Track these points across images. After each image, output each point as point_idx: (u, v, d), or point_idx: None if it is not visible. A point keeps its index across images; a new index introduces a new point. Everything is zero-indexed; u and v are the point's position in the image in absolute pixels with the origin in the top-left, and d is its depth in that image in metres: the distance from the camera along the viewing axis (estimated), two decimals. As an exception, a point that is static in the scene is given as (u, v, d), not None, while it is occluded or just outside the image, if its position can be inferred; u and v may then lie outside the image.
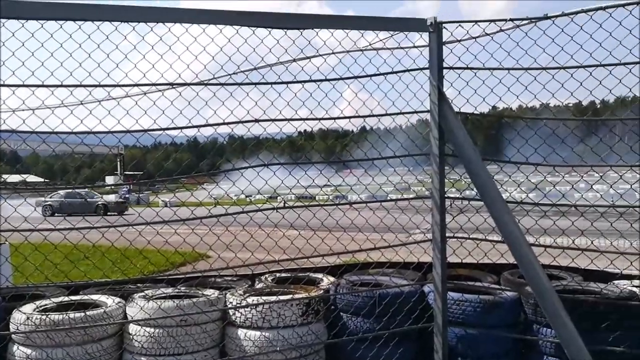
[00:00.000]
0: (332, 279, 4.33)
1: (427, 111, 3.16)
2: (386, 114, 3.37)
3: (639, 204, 3.46)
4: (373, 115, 3.34)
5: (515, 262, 2.93)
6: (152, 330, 3.40)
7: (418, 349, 3.77)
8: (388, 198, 3.80)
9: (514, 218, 2.91)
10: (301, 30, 2.94)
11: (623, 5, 3.08)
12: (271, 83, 3.14)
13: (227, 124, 2.99)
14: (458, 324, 3.59)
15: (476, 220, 3.62)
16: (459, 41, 3.23)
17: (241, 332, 3.57)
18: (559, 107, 3.86)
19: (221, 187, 3.86)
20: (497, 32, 3.25)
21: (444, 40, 3.09)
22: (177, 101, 3.02)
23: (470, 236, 3.55)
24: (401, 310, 3.55)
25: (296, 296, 3.67)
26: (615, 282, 3.92)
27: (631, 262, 3.58)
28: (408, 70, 3.29)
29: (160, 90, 3.16)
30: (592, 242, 3.43)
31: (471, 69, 3.29)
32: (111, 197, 28.86)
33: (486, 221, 3.24)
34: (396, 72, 3.32)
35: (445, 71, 3.14)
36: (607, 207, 3.65)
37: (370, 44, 3.25)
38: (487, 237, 3.47)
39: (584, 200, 3.89)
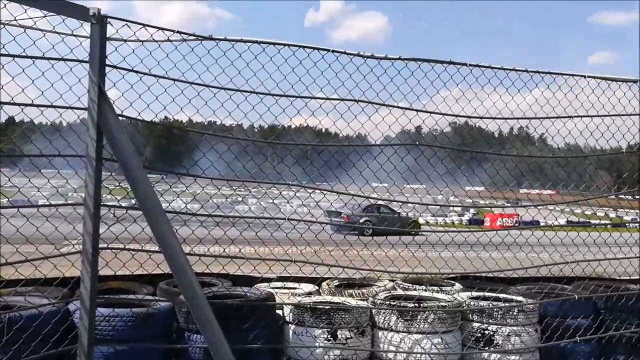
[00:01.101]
0: None
1: (85, 108, 2.85)
2: (32, 105, 2.86)
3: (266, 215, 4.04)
4: (13, 104, 2.78)
5: (171, 272, 2.93)
6: None
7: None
8: (30, 204, 3.24)
9: (172, 228, 2.91)
10: None
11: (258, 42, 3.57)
12: None
13: None
14: (107, 342, 3.34)
15: (133, 230, 3.47)
16: (125, 41, 3.06)
17: None
18: (227, 127, 4.19)
19: None
20: (165, 40, 3.24)
21: (108, 36, 2.86)
22: None
23: (126, 247, 3.37)
24: (38, 334, 3.04)
25: None
26: (258, 285, 4.44)
27: (270, 267, 4.13)
28: (64, 60, 2.90)
29: None
30: (240, 250, 3.77)
31: (136, 72, 3.17)
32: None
33: (144, 230, 3.13)
34: (49, 59, 2.87)
35: (108, 69, 2.92)
36: (254, 218, 4.15)
37: (15, 19, 2.71)
38: (143, 247, 3.37)
39: (235, 212, 4.29)
